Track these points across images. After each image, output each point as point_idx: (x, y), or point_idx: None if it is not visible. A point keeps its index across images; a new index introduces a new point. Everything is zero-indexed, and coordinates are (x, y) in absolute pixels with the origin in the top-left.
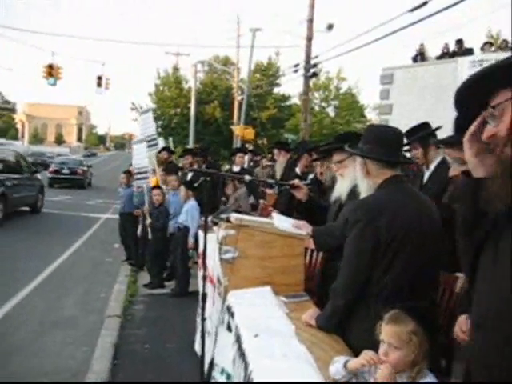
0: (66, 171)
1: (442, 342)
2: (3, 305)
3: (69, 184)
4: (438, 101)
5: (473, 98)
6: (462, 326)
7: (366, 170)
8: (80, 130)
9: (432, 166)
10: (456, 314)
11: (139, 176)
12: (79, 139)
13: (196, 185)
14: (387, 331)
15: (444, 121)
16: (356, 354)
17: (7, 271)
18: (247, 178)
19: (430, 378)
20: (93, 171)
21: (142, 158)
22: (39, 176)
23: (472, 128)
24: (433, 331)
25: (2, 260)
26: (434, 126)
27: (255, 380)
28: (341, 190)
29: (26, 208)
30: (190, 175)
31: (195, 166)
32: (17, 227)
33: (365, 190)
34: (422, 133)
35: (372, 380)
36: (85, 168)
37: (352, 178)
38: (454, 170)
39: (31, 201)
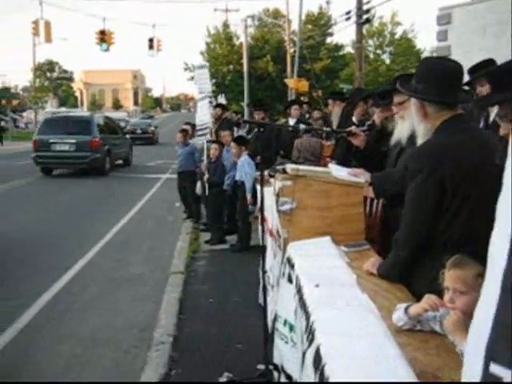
0: (138, 131)
1: None
2: (75, 263)
3: (142, 142)
4: (501, 38)
5: None
6: None
7: (424, 112)
8: (136, 94)
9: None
10: None
11: (200, 132)
12: (136, 103)
13: (249, 137)
14: (451, 276)
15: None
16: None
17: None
18: (302, 127)
19: None
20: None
21: (206, 113)
22: (127, 136)
23: None
24: None
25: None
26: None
27: (318, 329)
28: (401, 133)
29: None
30: (242, 131)
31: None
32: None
33: (422, 134)
34: (488, 68)
35: (438, 328)
36: (153, 128)
37: (412, 120)
38: (504, 129)
39: (125, 156)
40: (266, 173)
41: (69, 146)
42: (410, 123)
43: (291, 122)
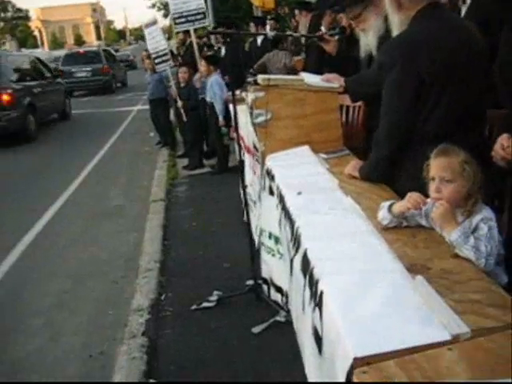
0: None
1: (495, 179)
2: (53, 203)
3: (128, 68)
4: None
5: None
6: (503, 141)
7: (398, 3)
8: (98, 28)
9: None
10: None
11: (159, 60)
12: (98, 37)
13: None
14: (437, 165)
15: None
16: None
17: (51, 174)
18: (270, 33)
19: (486, 210)
20: None
21: (158, 40)
22: (61, 80)
23: None
24: (485, 163)
25: (43, 166)
26: None
27: (303, 235)
28: (368, 45)
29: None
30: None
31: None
32: (50, 136)
33: (397, 25)
34: None
35: (424, 222)
36: (132, 57)
37: (375, 29)
38: None
39: (59, 107)
40: (238, 92)
41: None
42: (374, 33)
43: (258, 39)
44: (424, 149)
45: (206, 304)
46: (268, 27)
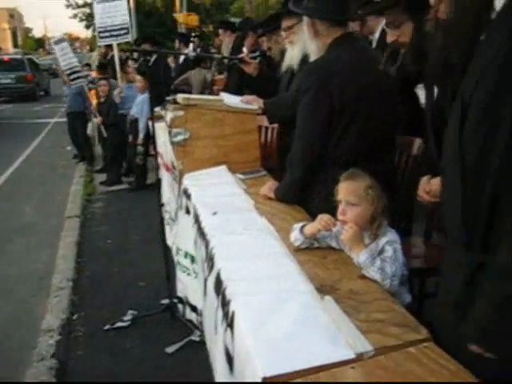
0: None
1: (402, 203)
2: None
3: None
4: None
5: None
6: (425, 186)
7: (315, 30)
8: (15, 35)
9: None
10: (414, 175)
11: (74, 76)
12: (15, 45)
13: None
14: (344, 188)
15: None
16: None
17: None
18: (191, 53)
19: (392, 233)
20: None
21: (70, 57)
22: None
23: None
24: (392, 189)
25: None
26: None
27: (217, 255)
28: (292, 58)
29: None
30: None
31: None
32: None
33: (314, 52)
34: None
35: (334, 244)
36: (54, 65)
37: (302, 44)
38: (391, 36)
39: None
40: (158, 109)
41: None
42: (301, 47)
43: (181, 56)
44: (335, 172)
45: (119, 324)
46: (192, 45)
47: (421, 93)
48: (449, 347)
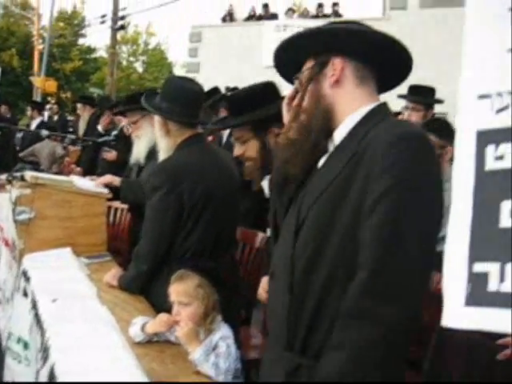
0: None
1: (242, 294)
2: None
3: None
4: (244, 62)
5: (290, 61)
6: (264, 285)
7: (166, 129)
8: None
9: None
10: (256, 267)
11: None
12: None
13: None
14: (175, 290)
15: (249, 81)
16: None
17: None
18: (44, 132)
19: (225, 328)
20: None
21: None
22: None
23: (289, 92)
24: (225, 284)
25: None
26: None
27: (52, 346)
28: (139, 152)
29: None
30: None
31: None
32: None
33: (164, 149)
34: (214, 97)
35: (173, 338)
36: None
37: (149, 138)
38: (238, 150)
39: None
40: (3, 177)
41: None
42: (146, 141)
43: (34, 124)
44: (179, 267)
45: None
46: (46, 113)
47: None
48: None
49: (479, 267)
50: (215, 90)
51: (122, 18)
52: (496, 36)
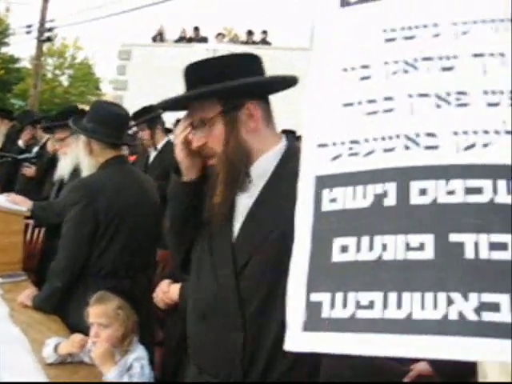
0: None
1: (159, 316)
2: None
3: None
4: (171, 82)
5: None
6: (163, 287)
7: (90, 149)
8: None
9: (159, 147)
10: None
11: None
12: None
13: None
14: (94, 312)
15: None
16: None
17: None
18: None
19: (140, 349)
20: None
21: None
22: None
23: (182, 132)
24: (141, 305)
25: None
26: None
27: None
28: (63, 169)
29: None
30: None
31: None
32: None
33: (86, 168)
34: (149, 116)
35: (87, 359)
36: None
37: (75, 156)
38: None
39: None
40: None
41: None
42: (72, 159)
43: None
44: (95, 284)
45: None
46: None
47: None
48: None
49: (314, 297)
50: (150, 107)
51: (50, 29)
52: (332, 92)
